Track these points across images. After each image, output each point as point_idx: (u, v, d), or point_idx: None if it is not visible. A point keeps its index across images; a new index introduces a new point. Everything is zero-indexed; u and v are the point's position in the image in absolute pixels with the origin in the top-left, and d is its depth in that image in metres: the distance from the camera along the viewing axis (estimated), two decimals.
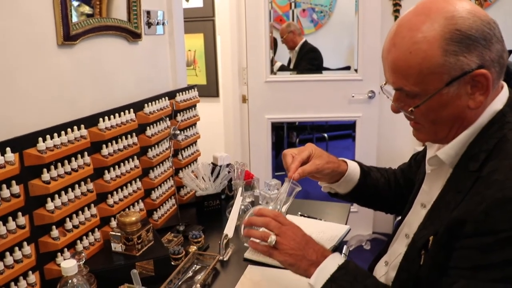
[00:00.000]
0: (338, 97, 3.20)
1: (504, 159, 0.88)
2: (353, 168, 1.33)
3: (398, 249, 1.13)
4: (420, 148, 1.38)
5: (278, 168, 4.79)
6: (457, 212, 0.87)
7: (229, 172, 1.84)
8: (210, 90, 3.61)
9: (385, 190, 1.36)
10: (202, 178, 1.83)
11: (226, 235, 1.49)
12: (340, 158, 1.34)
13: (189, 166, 2.02)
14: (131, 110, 1.60)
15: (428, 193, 1.07)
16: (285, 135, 5.10)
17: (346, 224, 1.69)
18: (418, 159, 1.33)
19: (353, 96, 3.17)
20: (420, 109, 0.96)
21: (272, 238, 1.04)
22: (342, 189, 1.34)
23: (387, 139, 3.31)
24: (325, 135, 5.24)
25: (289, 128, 5.21)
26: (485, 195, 0.84)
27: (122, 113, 1.55)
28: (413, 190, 1.20)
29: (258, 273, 1.27)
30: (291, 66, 3.91)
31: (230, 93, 3.28)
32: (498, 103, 0.97)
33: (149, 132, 1.69)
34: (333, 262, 1.01)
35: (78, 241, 1.36)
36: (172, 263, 1.41)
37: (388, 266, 1.15)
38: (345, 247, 1.59)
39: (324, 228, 1.61)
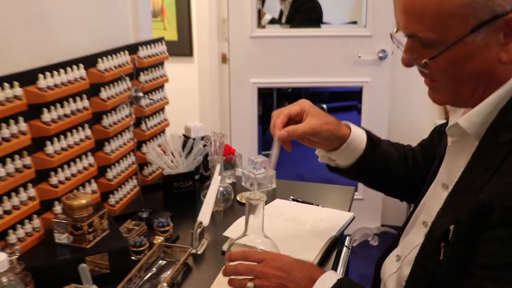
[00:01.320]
0: (341, 57, 3.18)
1: None
2: (358, 135, 1.29)
3: (414, 240, 1.11)
4: (442, 121, 1.36)
5: (266, 146, 4.79)
6: (483, 194, 0.86)
7: (204, 146, 1.82)
8: (182, 47, 3.56)
9: (400, 167, 1.33)
10: (171, 153, 1.81)
11: (201, 223, 1.48)
12: (343, 121, 1.30)
13: (155, 138, 2.01)
14: (81, 65, 1.56)
15: (450, 171, 1.06)
16: (274, 105, 5.09)
17: (349, 211, 1.69)
18: (441, 131, 1.31)
19: (359, 57, 3.16)
20: (437, 61, 0.94)
21: (248, 285, 1.08)
22: (343, 160, 1.30)
23: (400, 110, 3.31)
24: (324, 106, 5.23)
25: (280, 96, 5.19)
26: None
27: (68, 68, 1.50)
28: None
29: None
30: (283, 20, 3.85)
31: (206, 51, 3.26)
32: None
33: (104, 94, 1.65)
34: (322, 286, 1.02)
35: (11, 231, 1.33)
36: (133, 257, 1.40)
37: (401, 262, 1.14)
38: (348, 238, 1.58)
39: (322, 216, 1.61)
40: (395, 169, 1.33)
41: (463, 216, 0.89)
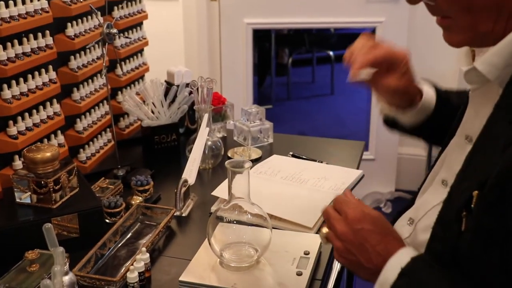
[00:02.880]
0: None
1: None
2: (430, 95, 1.29)
3: (430, 200, 1.10)
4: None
5: (262, 100, 4.78)
6: (509, 154, 0.84)
7: (190, 93, 1.80)
8: None
9: None
10: (152, 102, 1.81)
11: (186, 182, 1.48)
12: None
13: (132, 85, 2.01)
14: None
15: (473, 121, 1.03)
16: (272, 52, 5.05)
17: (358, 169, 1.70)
18: None
19: None
20: None
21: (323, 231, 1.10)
22: (408, 119, 1.30)
23: (420, 55, 3.27)
24: (331, 53, 5.21)
25: (279, 40, 5.14)
26: None
27: None
28: None
29: (231, 233, 1.26)
30: None
31: None
32: None
33: (70, 30, 1.63)
34: (395, 266, 0.98)
35: None
36: (107, 220, 1.41)
37: (414, 225, 1.13)
38: None
39: (326, 174, 1.61)
40: None
41: (488, 179, 0.87)
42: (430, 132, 1.33)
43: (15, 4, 1.43)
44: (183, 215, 1.46)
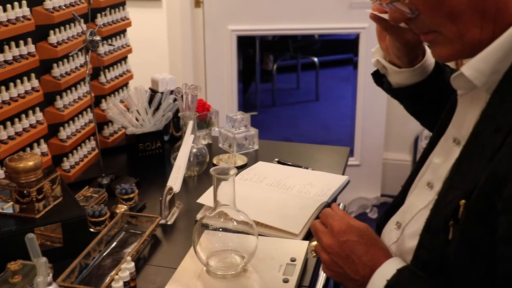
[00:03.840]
0: None
1: None
2: (431, 60, 1.27)
3: (415, 203, 1.10)
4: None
5: (247, 107, 4.78)
6: (495, 164, 0.84)
7: (175, 100, 1.80)
8: None
9: None
10: (136, 110, 1.80)
11: (171, 190, 1.48)
12: None
13: (116, 93, 2.00)
14: (23, 2, 1.52)
15: (461, 124, 1.03)
16: (257, 59, 5.06)
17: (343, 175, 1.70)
18: None
19: None
20: None
21: (312, 244, 1.12)
22: (399, 79, 1.28)
23: None
24: (315, 59, 5.22)
25: (263, 46, 5.15)
26: None
27: (8, 5, 1.47)
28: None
29: (217, 241, 1.25)
30: None
31: None
32: None
33: (53, 38, 1.62)
34: (381, 278, 0.98)
35: None
36: (91, 229, 1.40)
37: (402, 230, 1.13)
38: (341, 205, 1.59)
39: (311, 180, 1.61)
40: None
41: (475, 188, 0.87)
42: (414, 98, 1.31)
43: None
44: (169, 223, 1.45)
